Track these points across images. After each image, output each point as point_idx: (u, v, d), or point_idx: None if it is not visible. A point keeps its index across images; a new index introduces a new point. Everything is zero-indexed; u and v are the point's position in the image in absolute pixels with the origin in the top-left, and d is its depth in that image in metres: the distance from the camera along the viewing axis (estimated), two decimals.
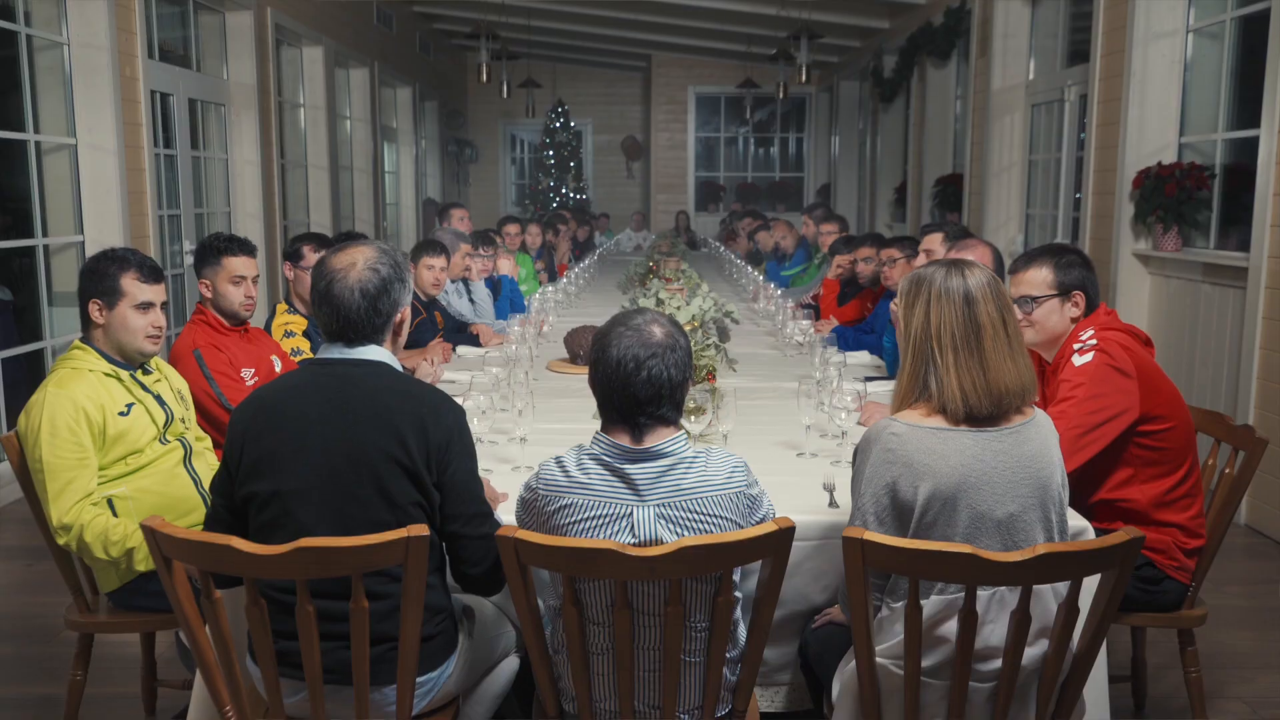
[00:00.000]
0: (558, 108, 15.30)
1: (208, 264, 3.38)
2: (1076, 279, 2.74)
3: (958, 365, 2.02)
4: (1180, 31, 5.58)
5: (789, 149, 15.58)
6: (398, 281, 2.14)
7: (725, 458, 2.03)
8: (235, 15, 7.65)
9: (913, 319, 2.08)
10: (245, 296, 3.39)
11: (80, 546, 2.55)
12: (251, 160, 7.87)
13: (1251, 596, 3.99)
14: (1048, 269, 2.74)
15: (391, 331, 2.17)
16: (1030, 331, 2.74)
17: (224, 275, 3.36)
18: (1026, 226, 7.71)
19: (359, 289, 2.09)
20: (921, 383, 2.06)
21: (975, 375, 2.01)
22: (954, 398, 2.01)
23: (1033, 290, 2.75)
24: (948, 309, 2.04)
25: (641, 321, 2.00)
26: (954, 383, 2.01)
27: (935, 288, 2.06)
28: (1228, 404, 4.85)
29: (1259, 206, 4.58)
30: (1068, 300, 2.73)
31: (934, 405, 2.04)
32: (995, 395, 2.01)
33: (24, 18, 5.50)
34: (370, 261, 2.12)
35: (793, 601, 2.36)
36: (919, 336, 2.06)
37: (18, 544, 4.52)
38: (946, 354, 2.02)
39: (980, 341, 2.02)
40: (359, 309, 2.09)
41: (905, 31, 9.47)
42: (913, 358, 2.07)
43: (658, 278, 5.89)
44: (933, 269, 2.10)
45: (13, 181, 5.79)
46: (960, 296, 2.04)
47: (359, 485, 2.01)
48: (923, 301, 2.07)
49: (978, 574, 1.83)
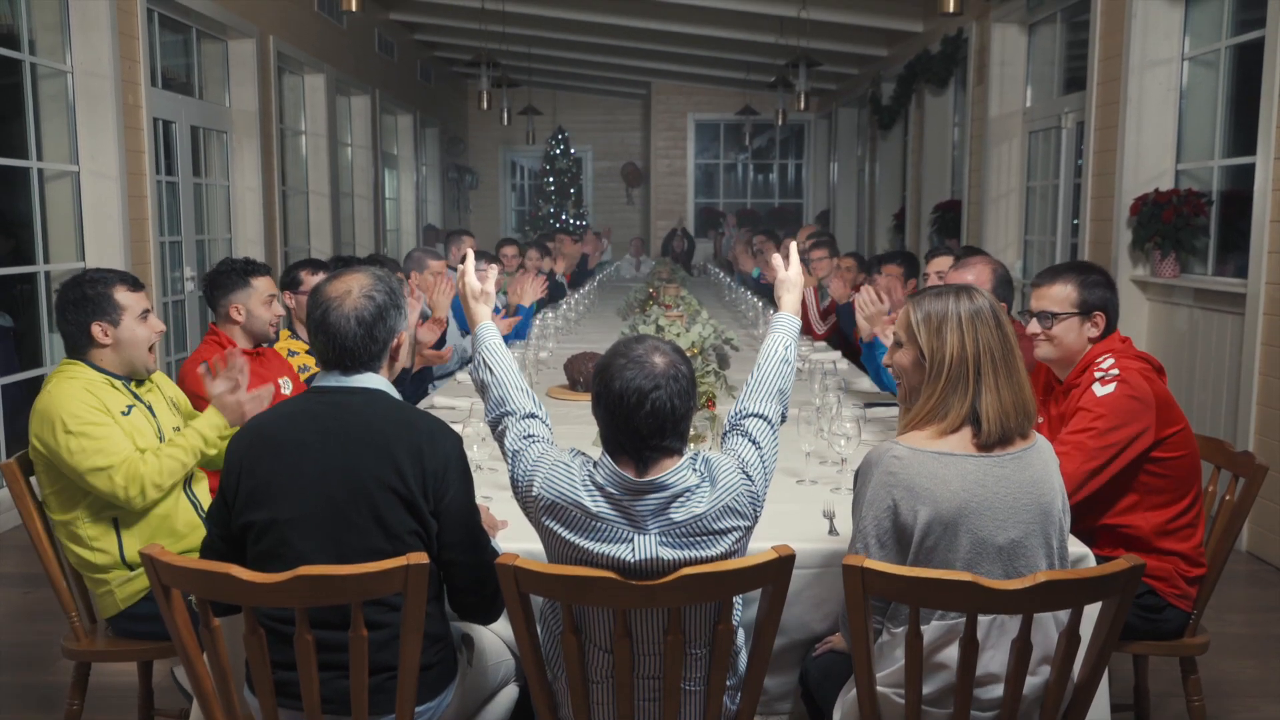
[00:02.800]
0: (558, 134, 15.38)
1: (236, 288, 3.43)
2: (1099, 299, 2.73)
3: (998, 386, 2.03)
4: (1175, 59, 5.62)
5: (788, 175, 15.64)
6: (394, 308, 2.13)
7: (726, 470, 1.99)
8: (238, 43, 7.71)
9: (945, 345, 2.06)
10: (275, 315, 3.49)
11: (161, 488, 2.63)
12: (253, 187, 7.90)
13: (1254, 624, 3.98)
14: (1072, 286, 2.74)
15: (389, 357, 2.17)
16: (1046, 346, 2.75)
17: (257, 297, 3.43)
18: (1025, 252, 7.74)
19: (355, 317, 2.09)
20: (944, 408, 2.05)
21: (1015, 394, 2.04)
22: (993, 420, 2.02)
23: (1054, 306, 2.75)
24: (984, 331, 2.05)
25: (642, 351, 1.98)
26: (994, 403, 2.02)
27: (965, 312, 2.06)
28: (1227, 430, 4.85)
29: (1256, 233, 4.60)
30: (1088, 320, 2.73)
31: (945, 427, 2.04)
32: (1030, 413, 2.05)
33: (29, 46, 5.54)
34: (366, 289, 2.11)
35: (793, 629, 2.35)
36: (954, 360, 2.05)
37: (16, 571, 4.51)
38: (988, 376, 2.03)
39: (1013, 360, 2.06)
40: (355, 337, 2.09)
41: (903, 59, 9.54)
42: (945, 383, 2.05)
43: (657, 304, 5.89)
44: (943, 296, 2.10)
45: (15, 208, 5.81)
46: (991, 318, 2.06)
47: (356, 514, 2.00)
48: (954, 327, 2.06)
49: (979, 602, 1.83)
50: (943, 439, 2.04)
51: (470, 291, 2.46)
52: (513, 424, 2.14)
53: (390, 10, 11.16)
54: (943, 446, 2.03)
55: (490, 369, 2.24)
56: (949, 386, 2.05)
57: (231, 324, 3.44)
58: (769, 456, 2.07)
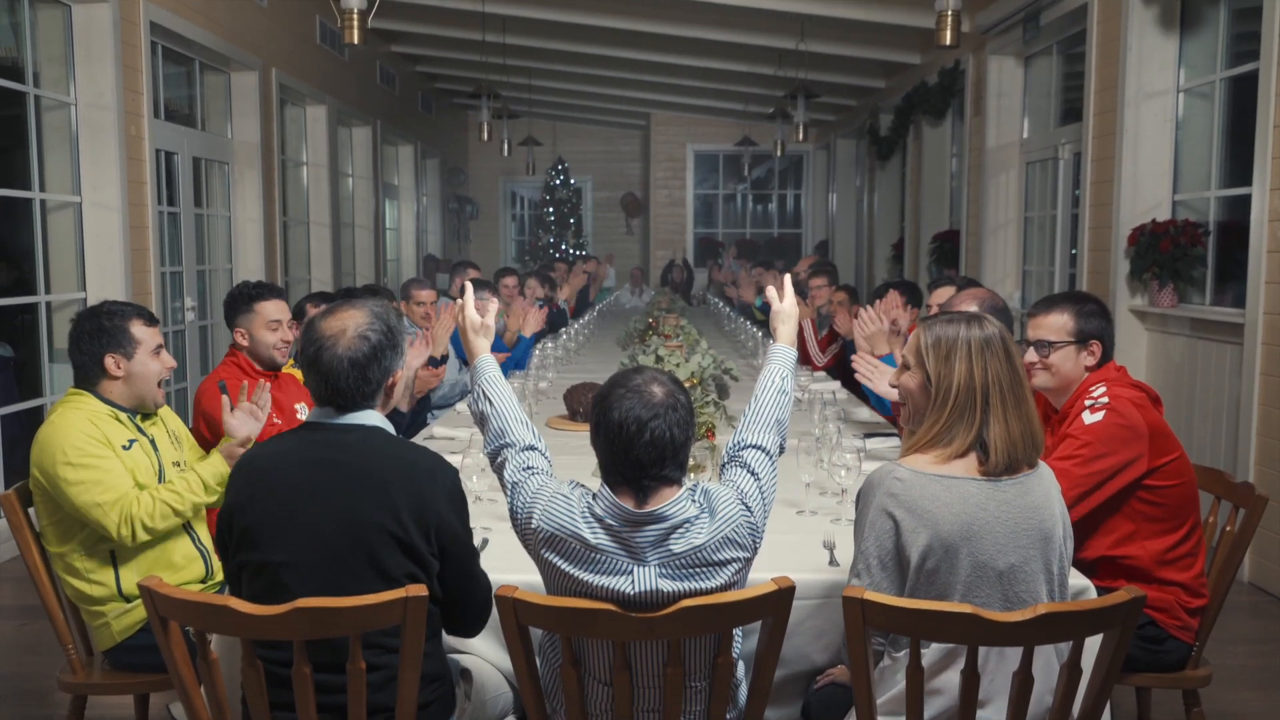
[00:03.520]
0: (558, 165, 15.46)
1: (240, 312, 3.47)
2: (1096, 328, 2.76)
3: (1006, 416, 2.03)
4: (1171, 91, 5.66)
5: (787, 205, 15.70)
6: (389, 348, 2.09)
7: (726, 501, 1.99)
8: (240, 75, 7.76)
9: (953, 373, 2.06)
10: (281, 341, 3.49)
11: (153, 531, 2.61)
12: (254, 217, 7.93)
13: (1257, 655, 3.96)
14: (1068, 315, 2.77)
15: (384, 394, 2.13)
16: (1044, 375, 2.76)
17: (259, 321, 3.45)
18: (1024, 282, 7.76)
19: (348, 359, 2.04)
20: (949, 434, 2.05)
21: (1023, 424, 2.04)
22: (1000, 449, 2.02)
23: (1051, 335, 2.77)
24: (992, 362, 2.05)
25: (641, 381, 1.99)
26: (1002, 433, 2.02)
27: (974, 341, 2.07)
28: (1227, 460, 4.84)
29: (1253, 263, 4.61)
30: (1084, 349, 2.75)
31: (949, 453, 2.04)
32: (1038, 443, 2.06)
33: (33, 79, 5.58)
34: (360, 328, 2.06)
35: (794, 661, 2.33)
36: (962, 389, 2.05)
37: (13, 603, 4.49)
38: (996, 406, 2.04)
39: (1021, 391, 2.06)
40: (348, 379, 2.04)
41: (901, 91, 9.61)
42: (951, 410, 2.06)
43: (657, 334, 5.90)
44: (954, 324, 2.10)
45: (17, 239, 5.83)
46: (1000, 348, 2.07)
47: (352, 559, 1.97)
48: (963, 356, 2.06)
49: (979, 634, 1.82)
50: (946, 464, 2.04)
51: (470, 325, 2.46)
52: (512, 455, 2.14)
53: (392, 43, 11.25)
54: (945, 470, 2.03)
55: (490, 400, 2.25)
56: (955, 414, 2.05)
57: (242, 346, 3.48)
58: (768, 488, 2.07)
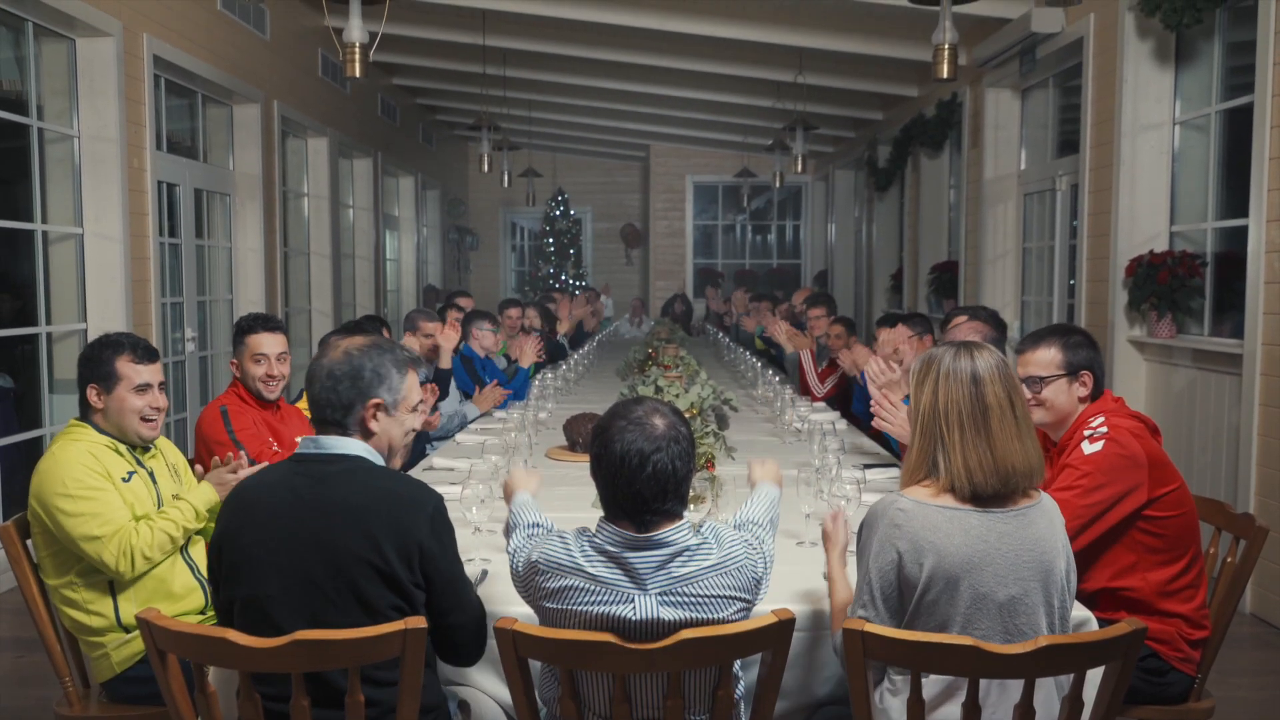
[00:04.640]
0: (558, 196, 15.53)
1: (235, 344, 3.53)
2: (1084, 359, 2.77)
3: (963, 444, 2.03)
4: (1167, 123, 5.70)
5: (786, 236, 15.76)
6: (372, 373, 2.10)
7: (732, 541, 2.01)
8: (242, 108, 7.81)
9: (922, 397, 2.11)
10: (265, 375, 3.47)
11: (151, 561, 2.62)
12: (255, 249, 7.96)
13: (1260, 688, 3.93)
14: (1055, 349, 2.78)
15: (360, 425, 2.11)
16: (1039, 411, 2.77)
17: (246, 354, 3.49)
18: (1022, 313, 7.78)
19: (328, 370, 2.10)
20: (930, 460, 2.07)
21: (982, 454, 2.02)
22: (960, 476, 2.02)
23: (1040, 370, 2.78)
24: (955, 388, 2.06)
25: (642, 413, 1.99)
26: (960, 461, 2.03)
27: (944, 368, 2.09)
28: (1227, 491, 4.84)
29: (1251, 294, 4.63)
30: (1075, 380, 2.76)
31: (942, 484, 2.05)
32: (1003, 474, 2.02)
33: (36, 111, 5.62)
34: (352, 347, 2.13)
35: (795, 693, 2.32)
36: (927, 415, 2.09)
37: (10, 635, 4.46)
38: (953, 432, 2.04)
39: (987, 421, 2.04)
40: (322, 389, 2.10)
41: (898, 123, 9.67)
42: (921, 435, 2.09)
43: (656, 365, 5.91)
44: (943, 350, 2.13)
45: (19, 270, 5.85)
46: (968, 376, 2.07)
47: (335, 591, 1.97)
48: (931, 380, 2.10)
49: (980, 666, 1.82)
50: (944, 495, 2.05)
51: (506, 492, 2.52)
52: (521, 528, 2.23)
53: (393, 75, 11.33)
54: (945, 501, 2.04)
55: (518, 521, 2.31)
56: (925, 439, 2.08)
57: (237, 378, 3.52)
58: (769, 551, 2.12)
